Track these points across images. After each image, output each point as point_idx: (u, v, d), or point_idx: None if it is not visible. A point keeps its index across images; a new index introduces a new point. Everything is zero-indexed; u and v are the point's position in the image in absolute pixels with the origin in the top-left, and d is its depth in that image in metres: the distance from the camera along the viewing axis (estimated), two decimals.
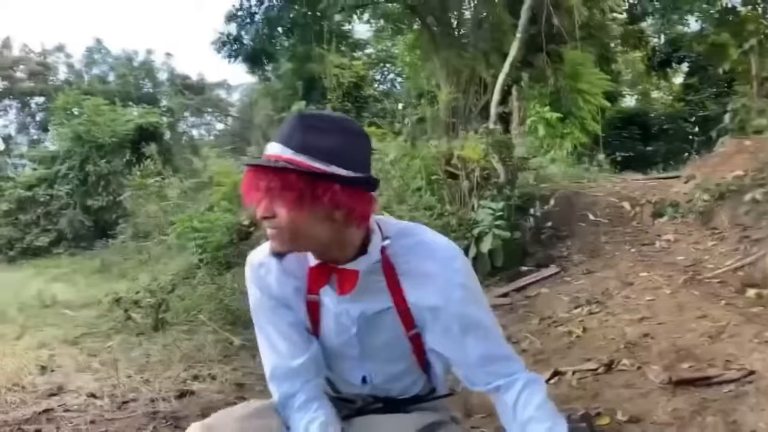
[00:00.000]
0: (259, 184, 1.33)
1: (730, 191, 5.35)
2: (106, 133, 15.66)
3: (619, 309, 4.28)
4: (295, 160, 1.31)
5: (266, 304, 1.52)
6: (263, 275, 1.51)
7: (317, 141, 1.34)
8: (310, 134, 1.34)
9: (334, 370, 1.62)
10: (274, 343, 1.52)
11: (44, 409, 4.06)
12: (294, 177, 1.31)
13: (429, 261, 1.47)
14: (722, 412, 2.77)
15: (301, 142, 1.33)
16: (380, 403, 1.62)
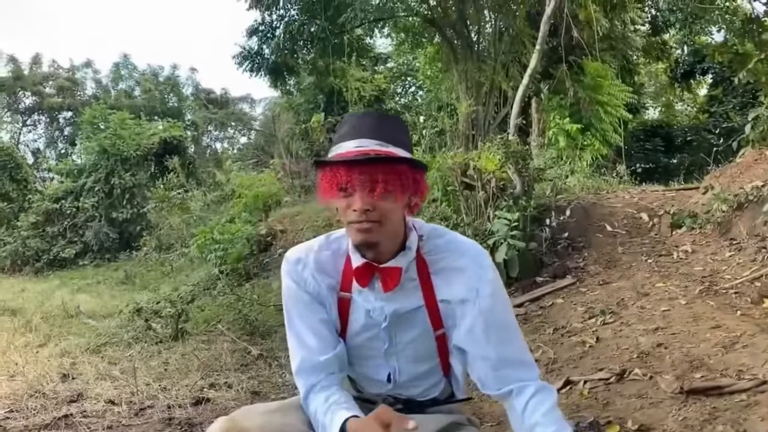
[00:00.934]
0: (364, 177, 1.39)
1: (749, 201, 5.29)
2: (131, 147, 15.96)
3: (633, 319, 4.25)
4: (398, 153, 1.41)
5: (301, 299, 1.57)
6: (300, 270, 1.58)
7: (399, 134, 1.46)
8: (393, 129, 1.45)
9: (359, 369, 1.65)
10: (303, 337, 1.56)
11: (63, 414, 4.15)
12: (406, 167, 1.42)
13: (461, 257, 1.55)
14: (732, 421, 2.75)
15: (392, 136, 1.43)
16: (400, 404, 1.64)
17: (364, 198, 1.40)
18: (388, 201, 1.41)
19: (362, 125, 1.44)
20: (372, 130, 1.43)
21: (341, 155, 1.43)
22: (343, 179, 1.40)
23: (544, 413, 1.47)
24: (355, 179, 1.40)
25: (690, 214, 6.01)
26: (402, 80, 26.19)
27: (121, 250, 15.16)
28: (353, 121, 1.47)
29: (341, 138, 1.46)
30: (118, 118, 16.77)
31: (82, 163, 17.12)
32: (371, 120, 1.45)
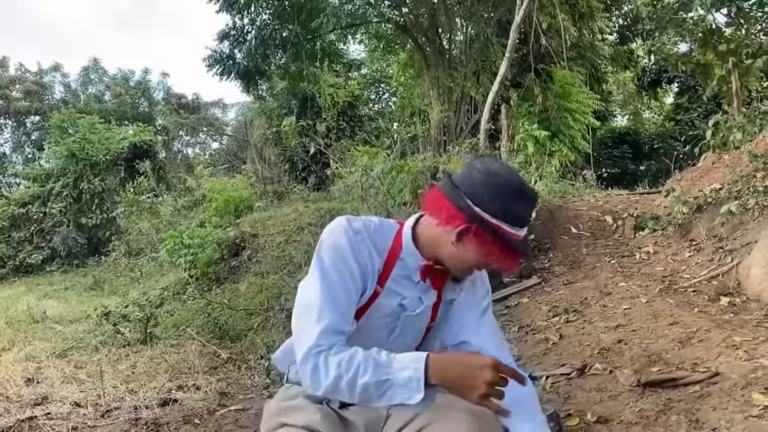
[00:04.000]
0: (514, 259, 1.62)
1: (708, 204, 5.45)
2: (100, 151, 15.76)
3: (596, 317, 4.35)
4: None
5: (349, 265, 1.59)
6: (359, 241, 1.63)
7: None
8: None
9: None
10: (338, 300, 1.56)
11: (28, 417, 4.11)
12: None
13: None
14: (686, 411, 2.84)
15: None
16: None
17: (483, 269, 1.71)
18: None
19: (527, 216, 1.62)
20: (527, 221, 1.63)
21: (521, 241, 1.60)
22: (506, 260, 1.59)
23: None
24: (508, 263, 1.61)
25: (652, 216, 6.17)
26: (375, 86, 26.30)
27: (89, 256, 14.93)
28: (530, 208, 1.63)
29: (504, 210, 1.56)
30: (87, 122, 16.54)
31: (49, 167, 16.82)
32: (533, 207, 1.67)
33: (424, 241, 1.66)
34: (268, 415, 1.76)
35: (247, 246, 9.69)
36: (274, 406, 1.76)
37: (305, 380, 1.53)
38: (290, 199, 13.55)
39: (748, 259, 4.46)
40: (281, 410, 1.73)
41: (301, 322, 1.57)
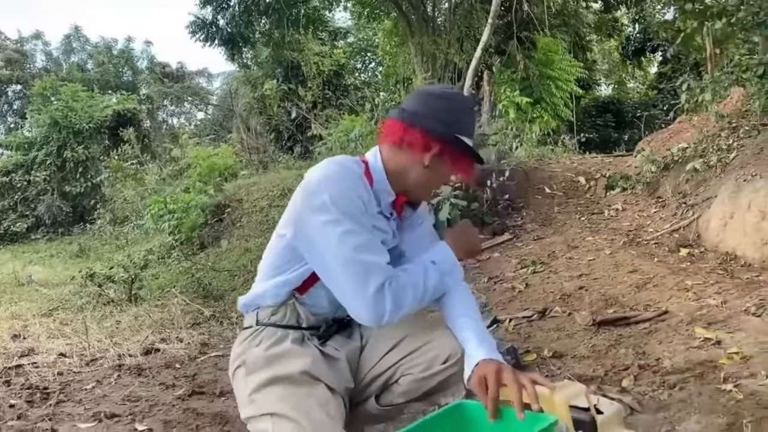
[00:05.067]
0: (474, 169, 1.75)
1: (675, 162, 5.63)
2: (83, 119, 15.68)
3: (561, 268, 4.55)
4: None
5: (363, 206, 1.59)
6: (360, 183, 1.62)
7: None
8: None
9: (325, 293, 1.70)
10: (371, 230, 1.61)
11: (15, 365, 4.25)
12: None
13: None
14: (634, 345, 3.04)
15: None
16: (335, 325, 1.78)
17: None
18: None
19: (474, 125, 1.75)
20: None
21: (477, 152, 1.72)
22: (472, 172, 1.73)
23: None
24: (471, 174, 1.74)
25: (623, 176, 6.35)
26: (362, 56, 26.13)
27: (74, 224, 14.96)
28: (471, 118, 1.74)
29: (467, 128, 1.69)
30: (69, 90, 16.41)
31: (32, 136, 16.72)
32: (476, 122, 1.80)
33: (392, 173, 1.67)
34: (253, 367, 1.66)
35: (231, 211, 9.80)
36: (259, 356, 1.66)
37: (384, 314, 1.54)
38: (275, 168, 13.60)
39: (708, 213, 4.65)
40: (269, 359, 1.65)
41: (355, 267, 1.53)
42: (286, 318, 1.71)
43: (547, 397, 1.55)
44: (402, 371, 1.73)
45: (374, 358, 1.77)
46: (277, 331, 1.69)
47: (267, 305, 1.72)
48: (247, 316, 1.77)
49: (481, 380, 1.55)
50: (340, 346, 1.75)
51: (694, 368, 2.67)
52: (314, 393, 1.61)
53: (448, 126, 1.65)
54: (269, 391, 1.61)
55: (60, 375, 3.91)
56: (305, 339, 1.71)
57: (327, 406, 1.60)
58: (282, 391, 1.60)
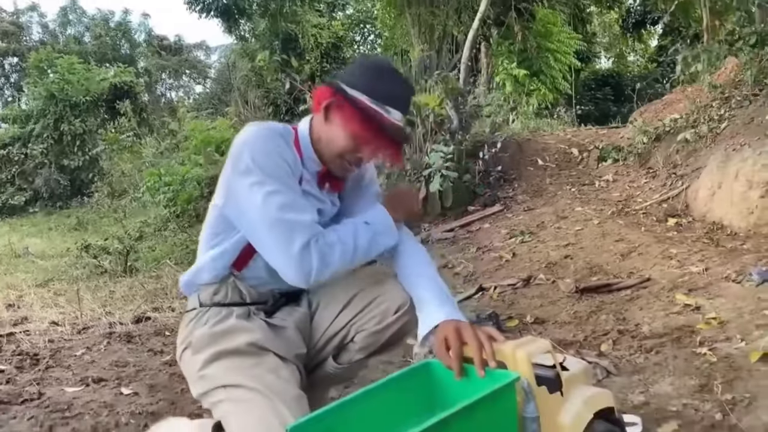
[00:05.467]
0: (391, 152, 1.66)
1: (666, 133, 5.62)
2: (80, 92, 15.60)
3: (549, 238, 4.57)
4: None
5: (288, 167, 1.58)
6: (285, 147, 1.60)
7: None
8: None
9: (263, 264, 1.69)
10: (297, 190, 1.59)
11: (7, 333, 4.29)
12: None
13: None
14: (615, 312, 3.08)
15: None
16: (284, 297, 1.77)
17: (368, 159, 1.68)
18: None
19: (405, 98, 1.65)
20: (407, 104, 1.67)
21: (393, 124, 1.60)
22: (383, 146, 1.61)
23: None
24: (387, 152, 1.64)
25: (615, 147, 6.34)
26: (360, 28, 25.87)
27: (72, 197, 14.97)
28: (400, 89, 1.63)
29: (391, 99, 1.60)
30: (66, 62, 16.28)
31: (29, 108, 16.65)
32: (408, 94, 1.67)
33: (316, 142, 1.65)
34: (199, 346, 1.64)
35: None
36: (204, 335, 1.64)
37: (311, 272, 1.52)
38: None
39: (697, 183, 4.65)
40: (214, 336, 1.63)
41: (279, 227, 1.52)
42: (228, 296, 1.69)
43: (509, 353, 1.57)
44: (356, 328, 1.74)
45: (326, 320, 1.76)
46: (221, 310, 1.68)
47: (207, 283, 1.70)
48: (190, 299, 1.75)
49: (442, 341, 1.57)
50: (287, 315, 1.74)
51: (671, 333, 2.70)
52: (263, 362, 1.60)
53: (344, 80, 1.61)
54: (218, 365, 1.60)
55: (51, 342, 3.94)
56: (251, 314, 1.69)
57: (278, 371, 1.60)
58: (230, 363, 1.59)
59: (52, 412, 2.58)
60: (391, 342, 1.78)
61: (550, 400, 1.59)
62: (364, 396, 1.53)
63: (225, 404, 1.54)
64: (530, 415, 1.51)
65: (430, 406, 1.63)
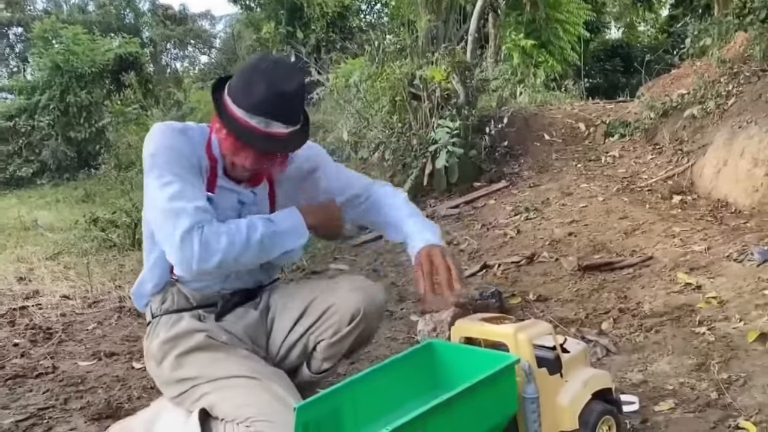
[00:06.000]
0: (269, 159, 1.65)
1: (673, 108, 5.60)
2: (85, 63, 15.51)
3: (553, 215, 4.60)
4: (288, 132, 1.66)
5: (185, 161, 1.59)
6: (185, 140, 1.63)
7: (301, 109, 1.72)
8: (300, 105, 1.68)
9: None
10: (195, 186, 1.58)
11: (20, 306, 4.38)
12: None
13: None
14: (617, 290, 3.12)
15: (298, 116, 1.66)
16: (237, 296, 1.79)
17: (254, 165, 1.63)
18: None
19: (280, 105, 1.56)
20: (287, 112, 1.58)
21: (267, 135, 1.56)
22: (260, 157, 1.61)
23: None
24: (268, 161, 1.64)
25: (622, 122, 6.31)
26: None
27: (80, 169, 14.99)
28: (273, 95, 1.55)
29: (251, 104, 1.54)
30: (70, 32, 16.16)
31: (34, 79, 16.59)
32: (285, 101, 1.57)
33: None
34: (160, 356, 1.68)
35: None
36: (160, 343, 1.68)
37: (192, 258, 1.49)
38: None
39: (703, 160, 4.66)
40: (170, 342, 1.67)
41: (168, 215, 1.52)
42: (175, 302, 1.72)
43: (510, 335, 1.62)
44: (314, 339, 1.74)
45: (283, 330, 1.78)
46: (171, 317, 1.71)
47: (152, 293, 1.74)
48: (145, 312, 1.80)
49: (419, 266, 1.69)
50: (237, 320, 1.75)
51: (671, 312, 2.75)
52: (232, 351, 1.66)
53: (233, 95, 1.57)
54: (188, 366, 1.64)
55: (63, 316, 4.03)
56: (201, 317, 1.72)
57: (250, 356, 1.68)
58: (198, 360, 1.64)
59: (66, 386, 2.66)
60: (354, 348, 1.81)
61: (550, 381, 1.65)
62: (369, 376, 1.59)
63: (210, 395, 1.59)
64: (530, 396, 1.57)
65: (433, 385, 1.68)
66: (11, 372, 2.81)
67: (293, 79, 1.58)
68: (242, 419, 1.50)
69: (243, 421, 1.50)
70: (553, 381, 1.66)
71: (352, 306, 1.71)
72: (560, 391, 1.66)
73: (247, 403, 1.52)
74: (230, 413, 1.53)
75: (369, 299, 1.73)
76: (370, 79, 7.03)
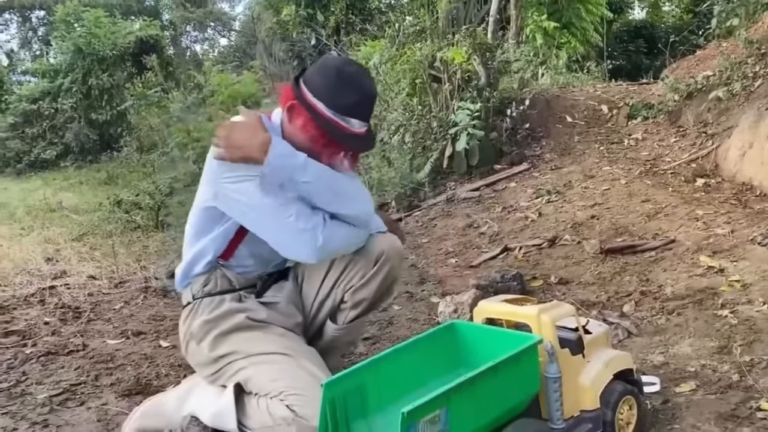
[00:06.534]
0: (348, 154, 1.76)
1: (698, 90, 5.52)
2: (106, 46, 15.60)
3: (575, 197, 4.58)
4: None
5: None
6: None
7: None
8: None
9: (261, 246, 1.76)
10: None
11: (48, 286, 4.48)
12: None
13: None
14: (639, 273, 3.12)
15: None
16: (271, 279, 1.88)
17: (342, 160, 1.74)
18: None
19: (364, 106, 1.70)
20: (367, 111, 1.72)
21: (350, 133, 1.69)
22: (338, 153, 1.71)
23: None
24: (342, 158, 1.73)
25: (646, 105, 6.24)
26: None
27: (102, 152, 15.16)
28: (359, 97, 1.68)
29: (349, 108, 1.66)
30: (92, 16, 16.26)
31: (57, 63, 16.73)
32: (368, 101, 1.72)
33: (286, 135, 1.72)
34: (200, 335, 1.75)
35: None
36: (202, 323, 1.76)
37: (322, 249, 1.64)
38: None
39: (727, 143, 4.60)
40: (212, 322, 1.74)
41: (281, 211, 1.63)
42: (218, 285, 1.79)
43: (534, 316, 1.64)
44: (343, 288, 1.83)
45: (314, 288, 1.86)
46: (213, 299, 1.78)
47: (197, 274, 1.81)
48: (183, 294, 1.86)
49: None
50: (276, 292, 1.85)
51: (694, 295, 2.74)
52: (270, 331, 1.74)
53: (313, 89, 1.66)
54: (227, 344, 1.71)
55: (90, 296, 4.11)
56: (242, 298, 1.80)
57: (286, 335, 1.75)
58: (238, 338, 1.72)
59: (96, 363, 2.73)
60: (381, 291, 1.84)
61: (573, 362, 1.67)
62: (393, 355, 1.63)
63: (246, 370, 1.66)
64: (552, 375, 1.59)
65: (456, 364, 1.71)
66: (43, 349, 2.89)
67: (373, 84, 1.74)
68: (276, 393, 1.57)
69: (277, 395, 1.56)
70: (576, 361, 1.68)
71: (376, 249, 1.80)
72: (582, 372, 1.68)
73: (281, 378, 1.59)
74: (264, 387, 1.60)
75: (390, 243, 1.82)
76: (390, 62, 7.01)
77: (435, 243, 4.44)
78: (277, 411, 1.55)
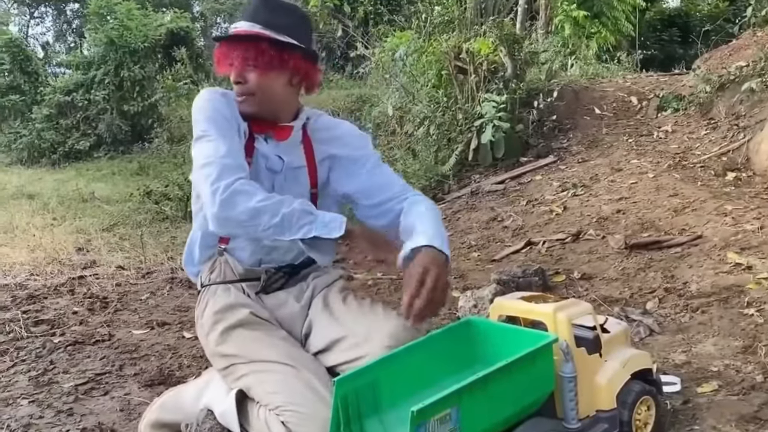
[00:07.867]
0: (234, 54, 1.68)
1: (731, 81, 5.39)
2: (138, 39, 15.81)
3: (602, 191, 4.52)
4: (263, 33, 1.68)
5: (227, 122, 1.67)
6: (224, 103, 1.70)
7: (279, 19, 1.71)
8: (273, 13, 1.71)
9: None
10: (231, 138, 1.64)
11: (78, 276, 4.58)
12: (265, 45, 1.67)
13: (335, 128, 1.87)
14: (664, 269, 3.07)
15: (266, 19, 1.69)
16: (281, 273, 1.81)
17: (236, 70, 1.69)
18: (256, 74, 1.68)
19: (248, 9, 1.72)
20: (252, 13, 1.70)
21: (232, 33, 1.72)
22: (224, 54, 1.71)
23: (418, 213, 1.71)
24: (232, 55, 1.68)
25: (676, 96, 6.12)
26: None
27: (134, 143, 15.40)
28: (248, 5, 1.73)
29: (244, 14, 1.73)
30: (124, 8, 16.48)
31: (90, 55, 17.01)
32: (256, 4, 1.71)
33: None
34: (207, 327, 1.74)
35: None
36: (209, 314, 1.74)
37: (222, 205, 1.53)
38: (326, 87, 13.56)
39: (760, 135, 4.49)
40: (217, 314, 1.72)
41: (207, 168, 1.57)
42: (222, 274, 1.77)
43: (549, 314, 1.63)
44: (339, 369, 1.66)
45: (316, 347, 1.74)
46: (218, 288, 1.76)
47: (200, 260, 1.81)
48: (196, 281, 1.87)
49: (411, 272, 1.54)
50: (279, 305, 1.78)
51: (719, 292, 2.69)
52: (273, 332, 1.70)
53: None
54: (231, 341, 1.68)
55: (118, 286, 4.20)
56: (245, 291, 1.76)
57: (288, 338, 1.71)
58: (241, 336, 1.68)
59: (121, 353, 2.79)
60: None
61: (589, 361, 1.65)
62: (407, 351, 1.62)
63: (248, 377, 1.63)
64: (567, 375, 1.58)
65: (471, 362, 1.70)
66: (71, 338, 2.96)
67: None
68: (273, 406, 1.53)
69: (273, 409, 1.53)
70: (592, 360, 1.66)
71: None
72: (598, 371, 1.66)
73: (279, 391, 1.54)
74: (264, 398, 1.57)
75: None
76: (416, 53, 6.98)
77: (458, 236, 4.43)
78: (274, 426, 1.52)
